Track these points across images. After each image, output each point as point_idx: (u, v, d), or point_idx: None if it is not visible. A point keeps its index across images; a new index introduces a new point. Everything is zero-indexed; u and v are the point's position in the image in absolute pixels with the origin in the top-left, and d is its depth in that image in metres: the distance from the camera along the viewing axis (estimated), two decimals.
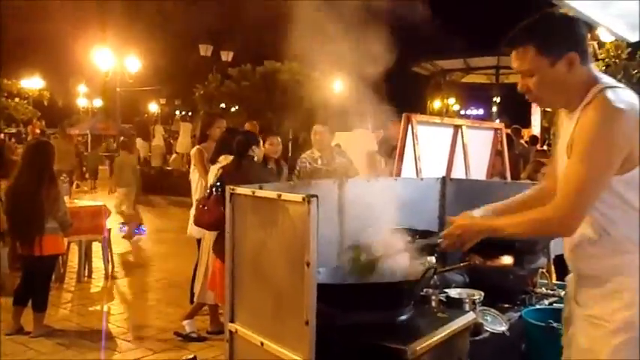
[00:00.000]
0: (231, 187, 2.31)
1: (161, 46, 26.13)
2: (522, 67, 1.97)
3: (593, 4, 3.33)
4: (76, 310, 5.89)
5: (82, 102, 39.70)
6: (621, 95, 1.88)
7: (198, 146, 5.53)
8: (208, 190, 4.35)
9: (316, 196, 1.86)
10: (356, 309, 2.09)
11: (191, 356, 3.29)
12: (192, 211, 5.39)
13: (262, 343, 2.10)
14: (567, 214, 1.88)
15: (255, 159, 4.40)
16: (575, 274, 2.13)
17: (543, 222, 1.97)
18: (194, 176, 5.47)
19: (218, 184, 4.16)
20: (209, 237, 4.79)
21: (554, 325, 2.55)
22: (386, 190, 3.26)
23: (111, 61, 20.05)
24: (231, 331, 2.31)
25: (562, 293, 2.93)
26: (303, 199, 1.86)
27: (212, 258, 4.51)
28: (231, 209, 2.31)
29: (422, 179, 3.76)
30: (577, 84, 1.94)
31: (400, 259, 2.40)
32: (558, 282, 3.26)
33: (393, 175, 4.10)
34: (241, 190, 2.26)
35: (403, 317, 2.19)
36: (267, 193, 2.12)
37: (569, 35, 1.95)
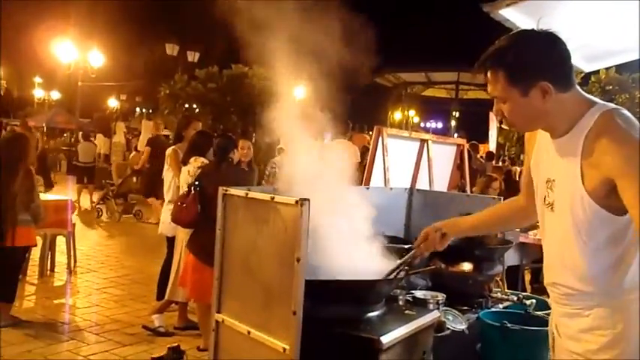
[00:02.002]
0: (224, 187, 2.50)
1: (126, 42, 25.91)
2: (494, 93, 1.85)
3: None
4: (40, 302, 5.93)
5: (37, 93, 38.82)
6: (629, 114, 1.79)
7: (173, 146, 5.67)
8: (186, 189, 4.50)
9: (308, 200, 2.07)
10: (336, 303, 2.31)
11: (175, 344, 3.42)
12: (164, 209, 5.53)
13: (249, 332, 2.29)
14: None
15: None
16: (557, 303, 2.01)
17: None
18: (167, 175, 5.59)
19: (196, 183, 4.33)
20: (182, 236, 4.93)
21: (508, 325, 2.83)
22: (359, 198, 3.51)
23: (73, 54, 19.81)
24: (217, 321, 2.49)
25: (515, 299, 3.24)
26: (297, 202, 2.07)
27: (185, 254, 4.64)
28: (223, 208, 2.50)
29: (391, 189, 4.02)
30: (558, 111, 1.81)
31: (374, 261, 2.65)
32: (510, 290, 3.57)
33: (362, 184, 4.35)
34: (234, 191, 2.46)
35: (376, 312, 2.42)
36: (261, 195, 2.32)
37: (541, 62, 1.79)
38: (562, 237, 1.90)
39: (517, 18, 3.10)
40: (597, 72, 13.67)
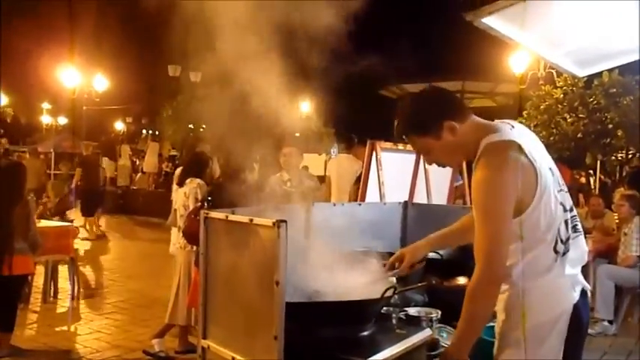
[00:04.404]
0: (206, 210, 2.46)
1: (129, 65, 26.11)
2: (418, 149, 2.26)
3: (545, 46, 3.61)
4: (42, 330, 5.89)
5: (45, 119, 39.16)
6: (502, 146, 2.02)
7: (182, 167, 5.65)
8: (199, 204, 4.46)
9: (285, 221, 2.02)
10: (321, 325, 2.25)
11: None
12: (174, 231, 5.48)
13: (234, 358, 2.23)
14: (486, 278, 1.99)
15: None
16: None
17: (478, 299, 2.03)
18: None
19: (209, 198, 4.30)
20: (181, 258, 4.89)
21: None
22: (351, 214, 3.46)
23: (77, 78, 19.98)
24: (203, 347, 2.44)
25: None
26: (274, 223, 2.02)
27: (194, 273, 4.53)
28: (205, 232, 2.45)
29: (385, 204, 3.96)
30: (467, 142, 2.13)
31: (363, 279, 2.59)
32: None
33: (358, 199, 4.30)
34: (215, 214, 2.42)
35: (365, 333, 2.36)
36: (240, 217, 2.27)
37: (436, 109, 2.16)
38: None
39: (501, 25, 3.06)
40: (600, 75, 13.52)
